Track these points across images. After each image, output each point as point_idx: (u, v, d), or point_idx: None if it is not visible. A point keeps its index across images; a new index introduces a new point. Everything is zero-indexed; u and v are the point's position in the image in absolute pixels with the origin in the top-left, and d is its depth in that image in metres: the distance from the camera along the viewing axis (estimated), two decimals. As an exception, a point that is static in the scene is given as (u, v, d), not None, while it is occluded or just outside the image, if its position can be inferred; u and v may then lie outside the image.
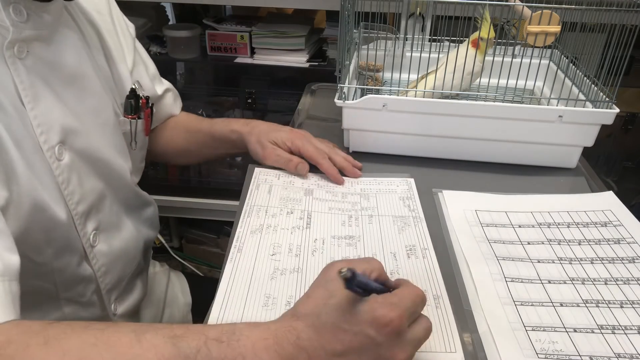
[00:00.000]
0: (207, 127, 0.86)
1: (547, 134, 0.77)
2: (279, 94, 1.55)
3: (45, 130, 0.56)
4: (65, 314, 0.64)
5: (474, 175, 0.80)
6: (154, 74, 0.83)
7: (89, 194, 0.63)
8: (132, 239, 0.73)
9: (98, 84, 0.66)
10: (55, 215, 0.58)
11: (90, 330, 0.42)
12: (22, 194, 0.53)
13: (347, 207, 0.70)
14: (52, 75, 0.58)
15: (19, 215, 0.53)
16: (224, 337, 0.41)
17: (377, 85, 0.93)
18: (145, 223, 0.80)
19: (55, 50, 0.60)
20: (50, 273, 0.60)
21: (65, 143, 0.59)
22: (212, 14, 1.66)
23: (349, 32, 0.83)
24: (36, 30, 0.56)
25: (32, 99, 0.55)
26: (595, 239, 0.65)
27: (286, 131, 0.79)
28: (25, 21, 0.55)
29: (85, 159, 0.62)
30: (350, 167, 0.77)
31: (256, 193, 0.71)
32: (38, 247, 0.57)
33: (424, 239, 0.64)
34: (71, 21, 0.64)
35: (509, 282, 0.58)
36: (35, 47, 0.56)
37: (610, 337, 0.50)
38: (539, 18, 0.74)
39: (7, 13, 0.53)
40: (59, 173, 0.58)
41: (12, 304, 0.44)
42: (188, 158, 0.93)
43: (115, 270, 0.70)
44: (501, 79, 0.86)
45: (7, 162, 0.52)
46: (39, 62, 0.57)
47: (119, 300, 0.73)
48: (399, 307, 0.41)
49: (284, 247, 0.61)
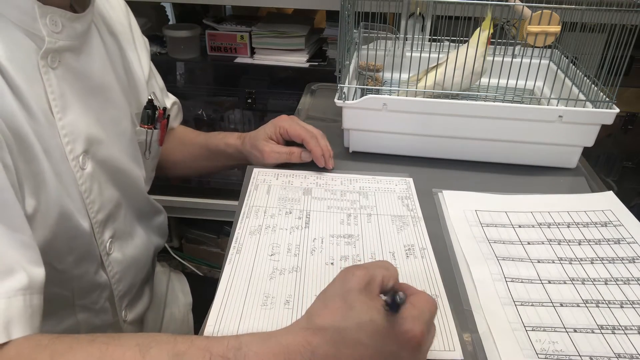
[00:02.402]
0: (203, 140, 0.87)
1: (547, 134, 0.77)
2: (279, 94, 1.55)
3: (72, 140, 0.57)
4: (79, 321, 0.64)
5: (474, 175, 0.80)
6: (163, 87, 0.85)
7: (107, 202, 0.64)
8: (143, 246, 0.74)
9: (119, 94, 0.67)
10: (78, 224, 0.58)
11: (95, 344, 0.42)
12: (50, 203, 0.54)
13: (346, 206, 0.70)
14: (80, 85, 0.59)
15: (45, 224, 0.53)
16: (229, 354, 0.40)
17: (377, 85, 0.93)
18: (156, 231, 0.81)
19: (84, 61, 0.60)
20: (69, 280, 0.61)
21: (89, 152, 0.60)
22: (212, 14, 1.66)
23: (349, 32, 0.83)
24: (69, 41, 0.57)
25: (62, 108, 0.56)
26: (595, 239, 0.65)
27: (271, 122, 0.79)
28: (59, 31, 0.55)
29: (105, 168, 0.63)
30: (327, 156, 0.76)
31: (255, 194, 0.71)
32: (60, 255, 0.57)
33: (422, 238, 0.64)
34: (96, 31, 0.64)
35: (509, 282, 0.57)
36: (67, 57, 0.57)
37: (610, 337, 0.50)
38: (539, 18, 0.74)
39: (43, 23, 0.53)
40: (82, 182, 0.59)
41: (31, 319, 0.45)
42: (184, 170, 0.94)
43: (128, 278, 0.71)
44: (501, 79, 0.86)
45: (37, 171, 0.52)
46: (69, 72, 0.57)
47: (129, 307, 0.73)
48: (420, 320, 0.40)
49: (283, 247, 0.61)
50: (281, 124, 0.77)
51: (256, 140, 0.78)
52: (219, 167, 0.91)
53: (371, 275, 0.43)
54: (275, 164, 0.78)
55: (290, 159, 0.77)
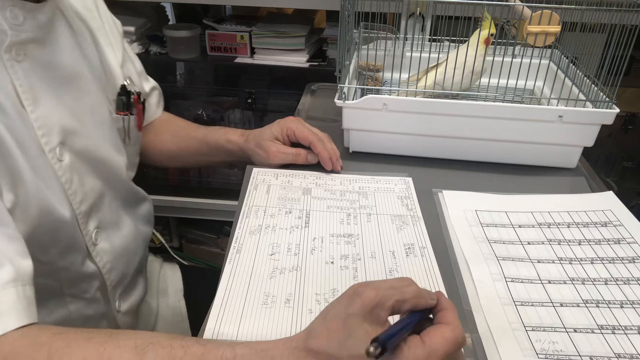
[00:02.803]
0: (202, 135, 0.86)
1: (547, 134, 0.77)
2: (279, 94, 1.55)
3: (47, 132, 0.56)
4: (71, 311, 0.64)
5: (474, 175, 0.80)
6: (141, 71, 0.83)
7: (89, 193, 0.63)
8: (131, 235, 0.74)
9: (92, 82, 0.66)
10: (60, 216, 0.58)
11: (92, 343, 0.42)
12: (28, 196, 0.53)
13: (346, 205, 0.70)
14: (49, 76, 0.58)
15: (25, 218, 0.53)
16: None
17: (377, 85, 0.93)
18: (142, 219, 0.80)
19: (51, 52, 0.59)
20: (55, 271, 0.60)
21: (65, 144, 0.59)
22: (212, 14, 1.66)
23: (349, 32, 0.83)
24: (33, 33, 0.56)
25: (32, 101, 0.55)
26: (596, 239, 0.65)
27: (278, 122, 0.79)
28: (21, 24, 0.55)
29: (84, 158, 0.62)
30: (334, 159, 0.76)
31: (254, 193, 0.71)
32: (43, 247, 0.57)
33: (422, 238, 0.64)
34: (63, 19, 0.63)
35: (509, 282, 0.57)
36: (32, 49, 0.56)
37: (611, 337, 0.50)
38: (539, 18, 0.74)
39: (3, 16, 0.53)
40: (62, 174, 0.58)
41: (28, 308, 0.44)
42: (180, 162, 0.93)
43: (119, 267, 0.70)
44: (501, 79, 0.86)
45: (11, 166, 0.52)
46: (36, 64, 0.57)
47: (123, 296, 0.73)
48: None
49: (283, 246, 0.61)
50: (289, 125, 0.77)
51: (262, 140, 0.78)
52: (217, 162, 0.90)
53: (381, 297, 0.39)
54: (280, 164, 0.77)
55: (297, 160, 0.77)
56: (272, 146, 0.77)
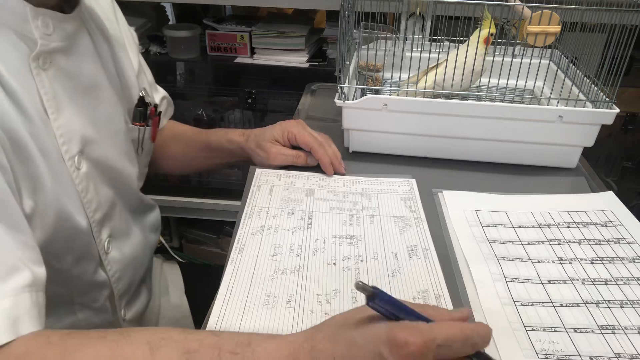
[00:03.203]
0: (204, 138, 0.87)
1: (547, 134, 0.77)
2: (279, 94, 1.55)
3: (67, 140, 0.57)
4: (79, 319, 0.65)
5: (474, 175, 0.80)
6: (152, 82, 0.85)
7: (103, 202, 0.64)
8: (139, 244, 0.74)
9: (110, 92, 0.67)
10: (77, 223, 0.58)
11: (105, 341, 0.42)
12: (47, 203, 0.54)
13: (349, 207, 0.70)
14: (71, 85, 0.59)
15: (43, 224, 0.54)
16: (238, 349, 0.41)
17: (377, 85, 0.93)
18: (150, 228, 0.81)
19: (75, 61, 0.60)
20: (67, 279, 0.61)
21: (84, 152, 0.60)
22: (212, 14, 1.66)
23: (349, 32, 0.83)
24: (60, 43, 0.57)
25: (56, 109, 0.56)
26: (596, 239, 0.65)
27: (280, 124, 0.79)
28: (51, 33, 0.55)
29: (99, 167, 0.63)
30: (337, 163, 0.76)
31: (257, 194, 0.71)
32: (59, 254, 0.58)
33: (425, 239, 0.64)
34: (85, 30, 0.64)
35: (509, 282, 0.58)
36: (57, 58, 0.57)
37: (611, 337, 0.50)
38: (539, 18, 0.74)
39: (35, 25, 0.53)
40: (79, 182, 0.59)
41: (39, 315, 0.45)
42: (183, 167, 0.94)
43: (127, 276, 0.71)
44: (501, 79, 0.86)
45: (33, 172, 0.52)
46: (60, 73, 0.57)
47: (128, 305, 0.74)
48: (423, 334, 0.37)
49: (285, 247, 0.61)
50: (290, 129, 0.77)
51: (262, 140, 0.78)
52: (218, 164, 0.91)
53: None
54: (280, 165, 0.78)
55: (296, 162, 0.77)
56: (272, 147, 0.77)
